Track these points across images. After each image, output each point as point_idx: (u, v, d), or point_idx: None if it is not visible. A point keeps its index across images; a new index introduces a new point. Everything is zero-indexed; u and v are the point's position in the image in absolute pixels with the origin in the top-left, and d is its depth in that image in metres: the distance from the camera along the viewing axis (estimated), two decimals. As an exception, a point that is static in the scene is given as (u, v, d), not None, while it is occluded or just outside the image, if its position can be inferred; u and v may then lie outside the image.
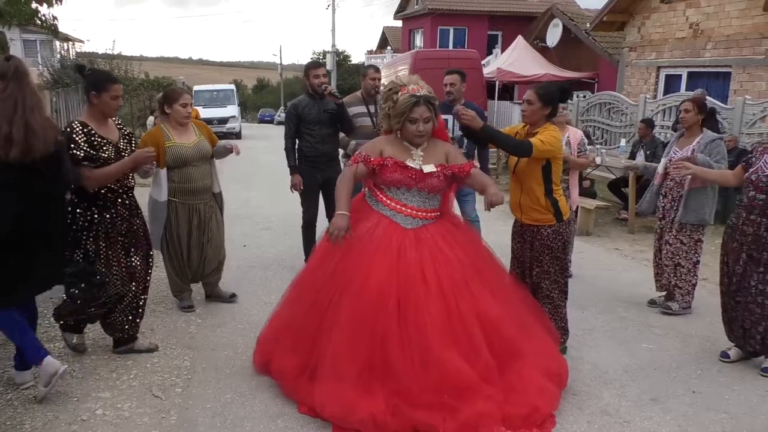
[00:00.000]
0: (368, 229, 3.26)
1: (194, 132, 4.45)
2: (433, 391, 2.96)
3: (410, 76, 3.31)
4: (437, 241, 3.25)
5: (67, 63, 20.21)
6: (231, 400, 3.33)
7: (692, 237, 4.55)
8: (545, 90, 3.59)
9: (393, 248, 3.17)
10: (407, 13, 26.36)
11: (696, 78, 11.37)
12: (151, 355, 3.88)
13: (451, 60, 12.98)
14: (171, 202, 4.38)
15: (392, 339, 3.00)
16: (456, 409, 2.94)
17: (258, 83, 66.79)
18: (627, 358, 3.97)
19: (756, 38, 9.95)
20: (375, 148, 3.33)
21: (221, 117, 22.51)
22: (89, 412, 3.21)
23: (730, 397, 3.49)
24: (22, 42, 26.96)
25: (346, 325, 3.07)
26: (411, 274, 3.10)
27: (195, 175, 4.39)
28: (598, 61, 16.15)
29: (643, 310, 4.83)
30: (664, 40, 11.91)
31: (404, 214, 3.28)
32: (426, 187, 3.26)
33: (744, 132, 8.53)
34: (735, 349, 3.92)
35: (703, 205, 4.49)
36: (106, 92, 3.42)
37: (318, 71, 5.16)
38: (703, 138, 4.47)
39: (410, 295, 3.06)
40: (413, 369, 2.97)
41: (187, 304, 4.62)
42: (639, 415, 3.26)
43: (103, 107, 3.47)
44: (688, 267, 4.59)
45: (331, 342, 3.08)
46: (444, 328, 3.04)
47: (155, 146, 4.27)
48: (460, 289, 3.15)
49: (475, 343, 3.08)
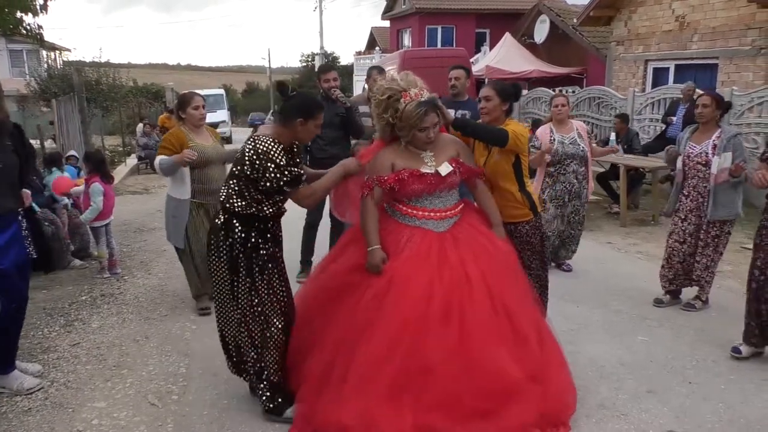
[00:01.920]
0: (404, 241, 3.08)
1: (209, 135, 4.63)
2: (479, 395, 2.84)
3: (406, 78, 3.09)
4: (474, 235, 3.16)
5: (54, 72, 20.09)
6: (228, 407, 3.32)
7: (723, 229, 4.43)
8: (501, 86, 3.58)
9: (433, 255, 3.02)
10: (395, 13, 26.37)
11: (683, 70, 11.43)
12: (146, 363, 3.86)
13: (439, 59, 12.98)
14: (192, 202, 4.50)
15: (435, 344, 2.84)
16: (497, 415, 2.84)
17: (247, 87, 66.62)
18: (623, 351, 3.98)
19: (742, 29, 10.01)
20: (384, 163, 3.11)
21: (211, 122, 22.41)
22: (85, 422, 3.18)
23: (725, 387, 3.50)
24: (8, 52, 26.82)
25: (381, 334, 2.88)
26: (455, 277, 2.96)
27: (213, 176, 4.51)
28: (586, 56, 16.20)
29: (638, 303, 4.85)
30: (651, 34, 11.97)
31: (435, 219, 3.13)
32: (446, 186, 3.15)
33: (732, 123, 8.56)
34: (746, 346, 3.82)
35: (734, 199, 4.35)
36: (313, 120, 3.02)
37: (328, 75, 5.23)
38: (724, 133, 4.31)
39: (455, 298, 2.92)
40: (457, 374, 2.83)
41: (205, 305, 4.62)
42: (636, 408, 3.27)
43: (302, 134, 3.05)
44: (715, 260, 4.49)
45: (359, 348, 2.89)
46: (491, 327, 2.93)
47: (180, 145, 4.42)
48: (504, 280, 3.09)
49: (523, 338, 3.01)
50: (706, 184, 4.37)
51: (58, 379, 3.65)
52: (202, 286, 4.66)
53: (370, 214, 3.10)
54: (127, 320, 4.61)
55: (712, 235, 4.45)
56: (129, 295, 5.17)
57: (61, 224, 6.01)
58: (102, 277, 5.62)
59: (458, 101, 5.17)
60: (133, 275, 5.73)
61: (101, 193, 5.51)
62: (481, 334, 2.90)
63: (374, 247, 3.04)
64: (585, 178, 5.46)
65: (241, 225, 3.00)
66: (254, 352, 3.12)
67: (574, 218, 5.53)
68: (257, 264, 3.03)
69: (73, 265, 5.96)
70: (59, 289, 5.36)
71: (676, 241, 4.62)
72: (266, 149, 2.89)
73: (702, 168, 4.38)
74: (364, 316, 2.95)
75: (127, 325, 4.50)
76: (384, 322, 2.89)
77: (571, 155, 5.33)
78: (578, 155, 5.35)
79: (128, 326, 4.49)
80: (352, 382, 2.87)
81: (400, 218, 3.19)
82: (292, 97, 3.03)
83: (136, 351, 4.05)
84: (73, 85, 15.65)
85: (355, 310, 3.01)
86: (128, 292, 5.25)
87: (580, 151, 5.34)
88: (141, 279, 5.60)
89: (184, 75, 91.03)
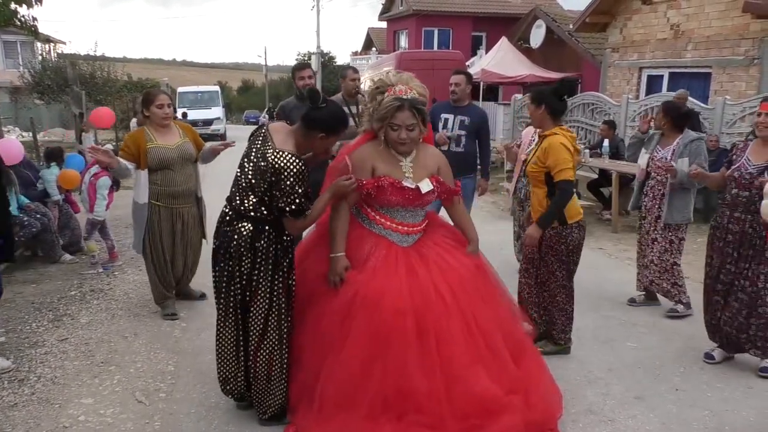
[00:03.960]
0: (368, 250, 2.99)
1: (178, 134, 4.41)
2: (461, 417, 2.79)
3: (402, 75, 3.00)
4: (439, 252, 3.05)
5: (48, 65, 19.98)
6: (216, 404, 3.30)
7: (677, 236, 4.59)
8: (536, 92, 3.87)
9: (401, 268, 2.92)
10: (392, 15, 26.38)
11: (677, 78, 11.48)
12: (134, 360, 3.84)
13: (435, 61, 13.01)
14: (154, 205, 4.32)
15: (413, 364, 2.77)
16: (482, 427, 2.81)
17: (243, 85, 66.52)
18: (612, 356, 4.00)
19: (735, 39, 10.08)
20: (365, 164, 2.97)
21: (206, 119, 22.38)
22: (71, 418, 3.17)
23: (712, 395, 3.52)
24: (2, 43, 26.65)
25: (353, 350, 2.80)
26: (425, 293, 2.86)
27: (178, 179, 4.33)
28: (581, 61, 16.26)
29: (628, 309, 4.87)
30: (646, 41, 12.03)
31: (400, 233, 3.03)
32: (422, 204, 3.04)
33: (724, 132, 8.62)
34: (719, 350, 3.93)
35: (687, 204, 4.57)
36: (335, 136, 2.95)
37: (303, 73, 5.14)
38: (683, 138, 4.51)
39: (428, 315, 2.82)
40: (439, 395, 2.77)
41: (171, 311, 4.54)
42: (623, 414, 3.29)
43: (319, 148, 2.98)
44: (667, 266, 4.62)
45: (338, 368, 2.81)
46: (467, 345, 2.86)
47: (135, 147, 4.25)
48: (474, 296, 3.00)
49: (498, 354, 2.96)
50: (662, 188, 4.56)
51: (45, 374, 3.63)
52: (165, 291, 4.54)
53: (341, 217, 2.98)
54: (117, 316, 4.58)
55: (670, 240, 4.60)
56: (119, 291, 5.15)
57: (53, 217, 5.99)
58: (92, 273, 5.59)
59: (458, 107, 5.18)
60: (124, 271, 5.71)
61: (108, 187, 5.57)
62: (459, 353, 2.84)
63: (338, 254, 2.93)
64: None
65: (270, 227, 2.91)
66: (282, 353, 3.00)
67: None
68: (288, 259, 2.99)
69: (63, 259, 5.93)
70: (48, 283, 5.33)
71: (642, 237, 4.83)
72: (297, 171, 2.78)
73: (663, 172, 4.55)
74: (329, 330, 2.89)
75: (116, 322, 4.48)
76: (355, 336, 2.82)
77: None
78: None
79: (117, 322, 4.47)
80: (333, 400, 2.83)
81: (365, 222, 3.08)
82: (321, 107, 2.87)
83: (125, 348, 4.03)
84: (67, 78, 15.55)
85: (320, 322, 2.95)
86: (118, 288, 5.23)
87: None
88: (131, 275, 5.57)
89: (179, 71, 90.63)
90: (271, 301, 2.93)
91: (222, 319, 3.03)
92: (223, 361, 3.08)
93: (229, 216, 2.96)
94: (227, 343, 3.04)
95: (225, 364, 3.08)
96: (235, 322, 3.00)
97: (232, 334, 3.02)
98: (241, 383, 3.09)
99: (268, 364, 2.98)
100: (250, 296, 2.94)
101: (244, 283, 2.93)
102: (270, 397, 3.03)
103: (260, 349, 2.96)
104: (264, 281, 2.91)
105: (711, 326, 3.96)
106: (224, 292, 2.97)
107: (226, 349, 3.06)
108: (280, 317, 2.95)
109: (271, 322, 2.95)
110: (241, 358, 3.05)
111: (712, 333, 3.97)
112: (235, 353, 3.05)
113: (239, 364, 3.06)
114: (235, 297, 2.95)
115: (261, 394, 3.04)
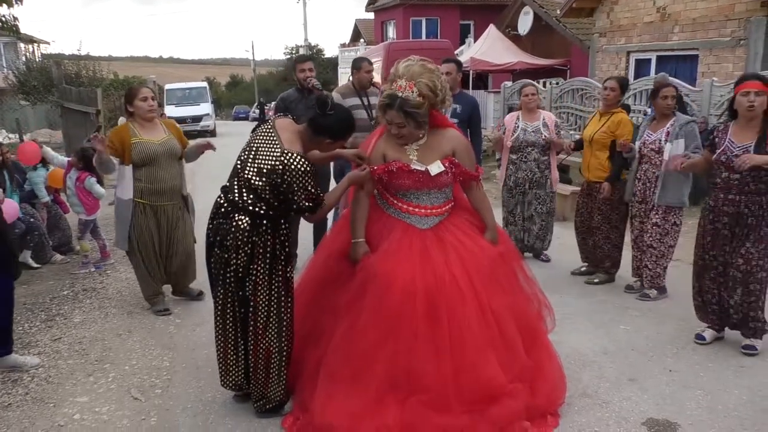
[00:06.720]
0: (385, 233, 3.06)
1: (163, 130, 4.39)
2: (467, 401, 2.81)
3: (413, 68, 2.92)
4: (459, 236, 3.06)
5: (33, 65, 19.78)
6: (212, 399, 3.30)
7: (670, 220, 4.55)
8: (623, 79, 5.12)
9: (414, 251, 2.96)
10: (379, 5, 26.25)
11: (665, 61, 11.51)
12: (129, 357, 3.83)
13: (424, 51, 12.94)
14: (138, 203, 4.30)
15: (422, 346, 2.80)
16: (484, 410, 2.82)
17: (231, 80, 66.10)
18: (605, 340, 4.03)
19: (721, 20, 10.10)
20: (378, 152, 3.09)
21: (194, 115, 22.27)
22: (66, 417, 3.16)
23: (705, 375, 3.55)
24: (-15, 44, 26.34)
25: (364, 331, 2.84)
26: (439, 276, 2.88)
27: (163, 176, 4.30)
28: (569, 47, 16.25)
29: (621, 293, 4.90)
30: (633, 25, 12.03)
31: (419, 215, 3.07)
32: (436, 185, 3.06)
33: (712, 113, 8.65)
34: (709, 331, 3.96)
35: (681, 186, 4.50)
36: (343, 140, 3.06)
37: (304, 65, 5.15)
38: (677, 120, 4.46)
39: (441, 298, 2.85)
40: (446, 378, 2.79)
41: (162, 308, 4.53)
42: (618, 396, 3.31)
43: (326, 150, 3.10)
44: (663, 250, 4.61)
45: (347, 345, 2.87)
46: (480, 330, 2.87)
47: (120, 142, 4.22)
48: (490, 282, 3.00)
49: (510, 343, 2.97)
50: (656, 170, 4.52)
51: (39, 374, 3.62)
52: (155, 287, 4.52)
53: (360, 205, 3.09)
54: (110, 314, 4.57)
55: (660, 224, 4.54)
56: (112, 290, 5.13)
57: (41, 219, 5.95)
58: (84, 272, 5.57)
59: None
60: (116, 269, 5.68)
61: (96, 182, 5.56)
62: (471, 338, 2.85)
63: (358, 240, 3.04)
64: (548, 167, 5.57)
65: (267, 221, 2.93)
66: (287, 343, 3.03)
67: (540, 208, 5.61)
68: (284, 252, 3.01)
69: (54, 259, 5.90)
70: (40, 284, 5.31)
71: (639, 223, 4.78)
72: (305, 171, 2.82)
73: (655, 155, 4.52)
74: (345, 311, 2.95)
75: (109, 320, 4.47)
76: (366, 318, 2.86)
77: (531, 143, 5.47)
78: (538, 144, 5.48)
79: (111, 320, 4.45)
80: (340, 381, 2.85)
81: (386, 208, 3.16)
82: (329, 114, 2.92)
83: (119, 345, 4.02)
84: (52, 78, 15.39)
85: (338, 304, 3.01)
86: (111, 287, 5.21)
87: (540, 139, 5.46)
88: (124, 273, 5.55)
89: (166, 68, 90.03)
90: (270, 295, 2.94)
91: (220, 310, 3.03)
92: (222, 353, 3.09)
93: (224, 207, 2.95)
94: (225, 334, 3.04)
95: (223, 356, 3.09)
96: (232, 312, 3.00)
97: (229, 326, 3.02)
98: (241, 375, 3.10)
99: (267, 356, 2.99)
100: (251, 290, 2.93)
101: (240, 275, 2.92)
102: (268, 390, 3.04)
103: (260, 341, 2.97)
104: (262, 275, 2.92)
105: (701, 308, 3.99)
106: (220, 282, 2.97)
107: (224, 341, 3.06)
108: (279, 310, 2.96)
109: (271, 315, 2.95)
110: (240, 349, 3.05)
111: (703, 314, 4.00)
112: (234, 345, 3.05)
113: (238, 356, 3.06)
114: (230, 286, 2.95)
115: (259, 386, 3.04)
